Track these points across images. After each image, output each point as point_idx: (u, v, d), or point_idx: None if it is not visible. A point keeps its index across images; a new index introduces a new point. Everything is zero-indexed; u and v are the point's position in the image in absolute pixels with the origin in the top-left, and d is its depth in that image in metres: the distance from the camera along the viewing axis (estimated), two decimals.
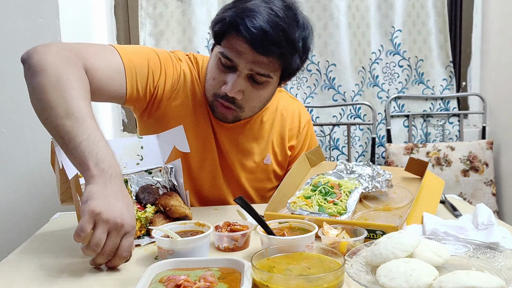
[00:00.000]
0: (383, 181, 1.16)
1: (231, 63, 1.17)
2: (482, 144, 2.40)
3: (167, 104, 1.29)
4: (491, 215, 1.02)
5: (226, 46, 1.17)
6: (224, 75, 1.20)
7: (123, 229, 0.86)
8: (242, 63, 1.16)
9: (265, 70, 1.17)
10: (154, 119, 1.30)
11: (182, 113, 1.30)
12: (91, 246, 0.84)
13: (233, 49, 1.16)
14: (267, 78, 1.19)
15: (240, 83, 1.18)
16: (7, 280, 0.86)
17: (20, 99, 1.63)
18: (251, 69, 1.16)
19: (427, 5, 2.41)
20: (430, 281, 0.71)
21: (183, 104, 1.30)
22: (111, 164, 0.91)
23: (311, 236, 0.89)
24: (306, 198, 1.12)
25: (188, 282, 0.72)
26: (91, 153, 0.90)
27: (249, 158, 1.37)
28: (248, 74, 1.18)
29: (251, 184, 1.40)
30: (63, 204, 1.11)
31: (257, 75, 1.18)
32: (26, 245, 1.05)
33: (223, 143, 1.34)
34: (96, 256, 0.87)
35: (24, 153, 1.67)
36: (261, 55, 1.14)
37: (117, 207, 0.86)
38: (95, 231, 0.84)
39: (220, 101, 1.23)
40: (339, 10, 2.33)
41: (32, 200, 1.69)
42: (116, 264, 0.89)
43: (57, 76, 0.98)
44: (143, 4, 2.24)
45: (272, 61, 1.16)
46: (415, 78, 2.51)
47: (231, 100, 1.21)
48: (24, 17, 1.60)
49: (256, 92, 1.22)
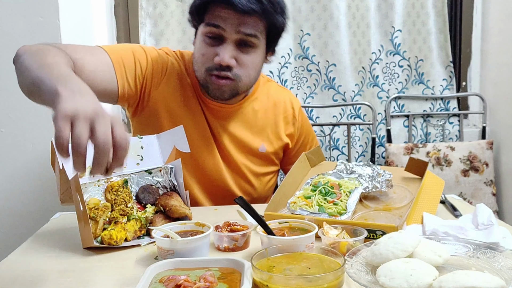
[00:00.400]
0: (383, 181, 1.16)
1: (218, 31, 1.21)
2: (482, 144, 2.40)
3: (157, 95, 1.31)
4: (491, 215, 1.02)
5: (210, 17, 1.22)
6: (212, 48, 1.23)
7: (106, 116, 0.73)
8: (229, 27, 1.20)
9: (252, 30, 1.21)
10: (146, 114, 1.33)
11: (173, 104, 1.32)
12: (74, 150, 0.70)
13: (218, 16, 1.21)
14: (254, 39, 1.23)
15: (231, 49, 1.21)
16: (7, 280, 0.86)
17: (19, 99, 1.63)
18: (238, 31, 1.20)
19: (427, 5, 2.41)
20: (430, 281, 0.71)
21: (173, 95, 1.32)
22: (80, 86, 0.81)
23: (311, 236, 0.89)
24: (306, 198, 1.12)
25: (188, 282, 0.72)
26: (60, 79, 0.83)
27: (243, 146, 1.39)
28: (236, 39, 1.21)
29: (249, 169, 1.41)
30: (63, 204, 1.11)
31: (245, 37, 1.21)
32: (26, 245, 1.05)
33: (218, 132, 1.36)
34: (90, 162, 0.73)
35: (24, 153, 1.67)
36: (245, 15, 1.19)
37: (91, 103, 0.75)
38: (73, 130, 0.71)
39: (215, 74, 1.24)
40: (339, 10, 2.32)
41: (32, 200, 1.69)
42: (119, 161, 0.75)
43: (38, 49, 1.02)
44: (143, 4, 2.24)
45: (256, 20, 1.21)
46: (415, 78, 2.51)
47: (227, 69, 1.22)
48: (24, 17, 1.60)
49: (248, 58, 1.24)
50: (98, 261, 0.94)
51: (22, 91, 1.02)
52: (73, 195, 0.98)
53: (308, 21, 2.35)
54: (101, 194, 1.05)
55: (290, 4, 2.33)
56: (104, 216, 1.00)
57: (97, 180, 1.05)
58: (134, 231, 1.03)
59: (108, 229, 0.99)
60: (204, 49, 1.24)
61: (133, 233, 1.02)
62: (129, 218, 1.03)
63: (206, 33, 1.23)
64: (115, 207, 1.03)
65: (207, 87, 1.28)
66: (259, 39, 1.24)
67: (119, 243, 0.98)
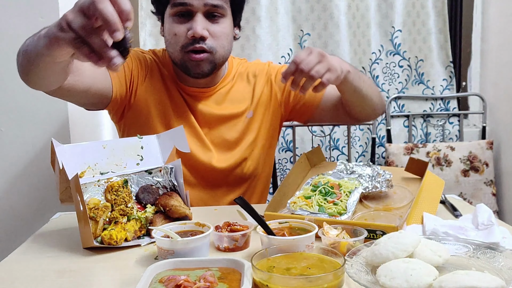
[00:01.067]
0: (383, 181, 1.16)
1: (185, 8, 1.26)
2: (482, 144, 2.40)
3: (143, 90, 1.35)
4: (491, 215, 1.02)
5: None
6: (183, 25, 1.28)
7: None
8: (195, 1, 1.25)
9: (217, 1, 1.27)
10: (133, 112, 1.36)
11: (157, 95, 1.37)
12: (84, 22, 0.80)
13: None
14: (221, 9, 1.28)
15: (201, 21, 1.26)
16: (7, 280, 0.86)
17: (20, 98, 1.63)
18: (204, 3, 1.25)
19: (427, 5, 2.41)
20: (430, 281, 0.71)
21: (157, 88, 1.37)
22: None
23: (311, 236, 0.89)
24: (306, 198, 1.12)
25: (188, 282, 0.72)
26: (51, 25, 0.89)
27: (229, 119, 1.41)
28: (204, 11, 1.26)
29: (241, 141, 1.43)
30: (63, 204, 1.11)
31: (212, 8, 1.27)
32: (26, 245, 1.04)
33: (201, 115, 1.39)
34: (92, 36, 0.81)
35: (24, 153, 1.67)
36: None
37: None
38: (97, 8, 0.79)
39: (190, 49, 1.28)
40: (339, 10, 2.32)
41: (32, 200, 1.69)
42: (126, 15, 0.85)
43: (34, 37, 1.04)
44: (143, 4, 2.24)
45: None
46: (415, 78, 2.51)
47: (201, 41, 1.27)
48: (24, 17, 1.60)
49: (218, 28, 1.29)
50: (98, 261, 0.94)
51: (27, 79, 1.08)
52: (73, 195, 0.98)
53: (308, 21, 2.35)
54: (101, 194, 1.04)
55: (290, 4, 2.33)
56: (104, 216, 1.00)
57: (97, 180, 1.05)
58: (134, 231, 1.03)
59: (108, 229, 0.99)
60: (176, 28, 1.28)
61: (133, 233, 1.02)
62: (129, 218, 1.03)
63: (174, 13, 1.28)
64: (115, 207, 1.03)
65: (186, 67, 1.31)
66: (225, 9, 1.30)
67: (119, 243, 0.98)
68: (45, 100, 1.63)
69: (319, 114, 1.50)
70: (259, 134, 1.46)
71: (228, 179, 1.42)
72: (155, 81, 1.37)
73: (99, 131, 1.95)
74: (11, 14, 1.60)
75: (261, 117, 1.45)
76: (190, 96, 1.39)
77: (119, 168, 1.10)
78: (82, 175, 1.04)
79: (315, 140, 2.37)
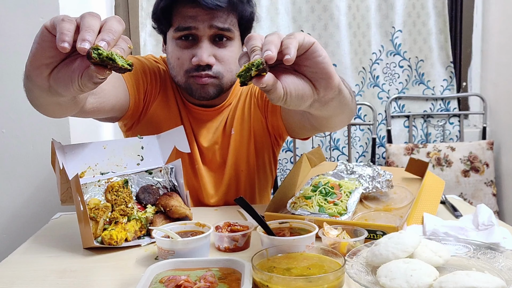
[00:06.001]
0: (384, 181, 1.16)
1: (189, 32, 1.18)
2: (483, 144, 2.40)
3: (155, 105, 1.31)
4: (492, 216, 1.02)
5: (179, 20, 1.19)
6: (187, 50, 1.21)
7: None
8: (200, 24, 1.17)
9: (224, 23, 1.18)
10: (142, 125, 1.32)
11: (165, 111, 1.32)
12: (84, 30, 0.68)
13: (186, 17, 1.17)
14: (228, 32, 1.20)
15: (207, 48, 1.18)
16: (8, 280, 0.86)
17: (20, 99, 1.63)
18: (210, 26, 1.17)
19: (427, 5, 2.41)
20: (430, 281, 0.71)
21: (166, 103, 1.32)
22: None
23: (312, 237, 0.89)
24: (307, 198, 1.11)
25: (188, 282, 0.72)
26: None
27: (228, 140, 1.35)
28: (210, 35, 1.19)
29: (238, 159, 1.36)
30: (63, 204, 1.11)
31: (219, 32, 1.18)
32: (27, 245, 1.04)
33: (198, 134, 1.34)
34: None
35: (24, 153, 1.67)
36: (214, 10, 1.16)
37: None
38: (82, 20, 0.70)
39: (195, 75, 1.21)
40: (339, 11, 2.33)
41: (32, 201, 1.69)
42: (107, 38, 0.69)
43: None
44: (144, 4, 2.25)
45: (226, 13, 1.18)
46: (415, 79, 2.51)
47: (206, 68, 1.19)
48: (24, 17, 1.60)
49: (226, 52, 1.21)
50: (99, 261, 0.94)
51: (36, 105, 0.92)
52: (74, 195, 0.98)
53: (309, 22, 2.35)
54: (102, 194, 1.05)
55: (290, 5, 2.33)
56: (104, 216, 1.00)
57: (97, 181, 1.05)
58: (135, 231, 1.03)
59: (109, 230, 0.99)
60: (179, 53, 1.21)
61: (134, 233, 1.02)
62: (130, 219, 1.03)
63: (178, 37, 1.20)
64: (116, 207, 1.03)
65: (190, 89, 1.24)
66: (233, 32, 1.21)
67: (119, 244, 0.98)
68: None
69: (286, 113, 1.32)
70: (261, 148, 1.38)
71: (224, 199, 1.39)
72: (167, 96, 1.32)
73: (99, 132, 1.95)
74: (11, 14, 1.60)
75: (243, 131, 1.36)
76: (192, 115, 1.33)
77: (120, 168, 1.10)
78: (83, 175, 1.04)
79: (315, 140, 2.37)
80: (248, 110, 1.37)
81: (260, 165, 1.41)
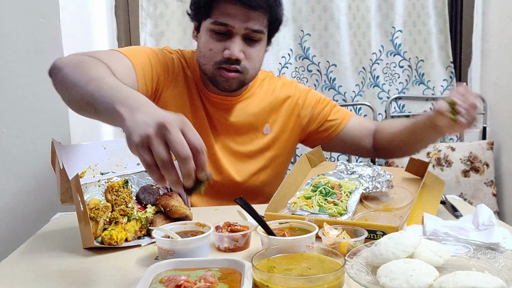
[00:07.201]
0: (384, 181, 1.16)
1: (225, 28, 1.24)
2: (483, 144, 2.40)
3: (167, 95, 1.34)
4: (492, 216, 1.02)
5: (218, 14, 1.24)
6: (220, 43, 1.26)
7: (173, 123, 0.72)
8: (237, 24, 1.23)
9: (258, 26, 1.26)
10: None
11: (180, 101, 1.35)
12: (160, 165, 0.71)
13: (226, 13, 1.23)
14: (260, 34, 1.27)
15: (239, 44, 1.25)
16: (8, 280, 0.86)
17: (20, 99, 1.63)
18: (246, 27, 1.24)
19: (427, 5, 2.41)
20: (430, 281, 0.71)
21: (180, 94, 1.36)
22: (134, 96, 0.81)
23: (312, 237, 0.89)
24: (307, 198, 1.12)
25: (188, 282, 0.72)
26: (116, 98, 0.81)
27: (246, 132, 1.41)
28: (243, 34, 1.25)
29: (253, 155, 1.42)
30: (63, 204, 1.11)
31: (252, 33, 1.26)
32: (27, 245, 1.05)
33: (218, 124, 1.39)
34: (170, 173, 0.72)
35: (24, 153, 1.67)
36: (253, 11, 1.23)
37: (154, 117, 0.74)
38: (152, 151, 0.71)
39: (224, 67, 1.27)
40: (339, 11, 2.32)
41: (32, 200, 1.69)
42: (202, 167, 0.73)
43: (79, 61, 1.01)
44: (144, 4, 2.24)
45: (262, 15, 1.26)
46: (415, 79, 2.51)
47: (235, 62, 1.26)
48: (24, 17, 1.60)
49: (254, 51, 1.29)
50: (99, 261, 0.94)
51: (69, 106, 1.02)
52: (74, 195, 0.98)
53: (309, 22, 2.35)
54: (102, 194, 1.05)
55: (290, 5, 2.33)
56: (104, 216, 1.00)
57: (97, 181, 1.05)
58: (135, 231, 1.03)
59: (109, 229, 0.99)
60: (212, 44, 1.27)
61: (134, 234, 1.02)
62: (130, 219, 1.03)
63: (214, 29, 1.26)
64: (116, 207, 1.03)
65: (216, 80, 1.31)
66: (264, 33, 1.29)
67: (119, 244, 0.98)
68: (45, 100, 1.64)
69: (331, 144, 1.52)
70: (278, 152, 1.45)
71: (238, 190, 1.40)
72: (179, 87, 1.36)
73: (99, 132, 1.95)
74: (11, 14, 1.60)
75: (280, 135, 1.45)
76: (210, 103, 1.38)
77: (120, 169, 1.10)
78: (83, 175, 1.04)
79: None
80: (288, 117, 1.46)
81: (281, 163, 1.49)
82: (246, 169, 1.42)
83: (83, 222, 0.97)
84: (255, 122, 1.42)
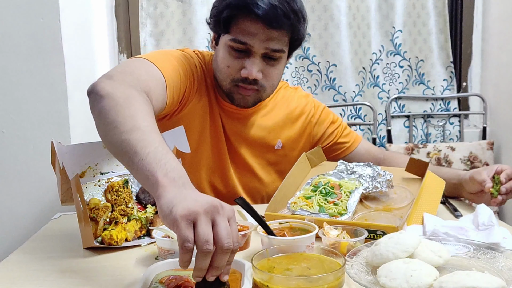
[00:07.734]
0: (384, 181, 1.16)
1: (244, 46, 1.20)
2: (483, 144, 2.40)
3: (191, 106, 1.29)
4: (492, 216, 1.02)
5: (237, 31, 1.20)
6: (238, 60, 1.22)
7: (225, 210, 0.70)
8: (257, 43, 1.19)
9: (279, 45, 1.21)
10: (174, 121, 1.28)
11: (201, 112, 1.31)
12: (201, 246, 0.65)
13: (246, 32, 1.18)
14: (280, 53, 1.23)
15: (258, 63, 1.21)
16: (8, 280, 0.86)
17: (20, 99, 1.63)
18: (266, 47, 1.19)
19: (427, 5, 2.41)
20: (430, 281, 0.71)
21: (200, 102, 1.31)
22: (181, 174, 0.77)
23: (312, 237, 0.89)
24: (307, 198, 1.12)
25: (188, 282, 0.72)
26: (159, 164, 0.77)
27: (258, 145, 1.39)
28: (263, 53, 1.21)
29: (263, 167, 1.41)
30: (63, 204, 1.11)
31: (271, 52, 1.21)
32: (27, 245, 1.05)
33: (232, 134, 1.36)
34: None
35: (24, 153, 1.67)
36: (274, 30, 1.17)
37: (205, 197, 0.71)
38: (197, 228, 0.66)
39: (241, 86, 1.24)
40: (339, 11, 2.32)
41: (32, 200, 1.69)
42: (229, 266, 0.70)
43: (124, 97, 0.93)
44: (144, 4, 2.24)
45: (283, 34, 1.20)
46: (415, 79, 2.51)
47: (253, 82, 1.23)
48: (24, 17, 1.60)
49: (273, 70, 1.25)
50: (99, 261, 0.94)
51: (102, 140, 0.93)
52: (74, 195, 0.98)
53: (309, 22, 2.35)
54: (102, 194, 1.05)
55: None
56: (104, 216, 1.00)
57: (97, 180, 1.05)
58: (135, 231, 1.03)
59: (109, 229, 0.99)
60: (230, 61, 1.23)
61: (134, 233, 1.02)
62: (130, 218, 1.03)
63: (232, 46, 1.21)
64: (116, 207, 1.03)
65: (231, 96, 1.28)
66: (284, 52, 1.24)
67: (119, 243, 0.98)
68: (45, 101, 1.64)
69: (334, 160, 1.46)
70: (285, 167, 1.39)
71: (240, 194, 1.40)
72: (202, 97, 1.31)
73: None
74: (11, 15, 1.60)
75: (291, 152, 1.43)
76: (224, 112, 1.34)
77: (120, 168, 1.10)
78: (83, 175, 1.04)
79: None
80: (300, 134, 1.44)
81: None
82: (253, 183, 1.40)
83: (83, 222, 0.97)
84: (268, 136, 1.39)
